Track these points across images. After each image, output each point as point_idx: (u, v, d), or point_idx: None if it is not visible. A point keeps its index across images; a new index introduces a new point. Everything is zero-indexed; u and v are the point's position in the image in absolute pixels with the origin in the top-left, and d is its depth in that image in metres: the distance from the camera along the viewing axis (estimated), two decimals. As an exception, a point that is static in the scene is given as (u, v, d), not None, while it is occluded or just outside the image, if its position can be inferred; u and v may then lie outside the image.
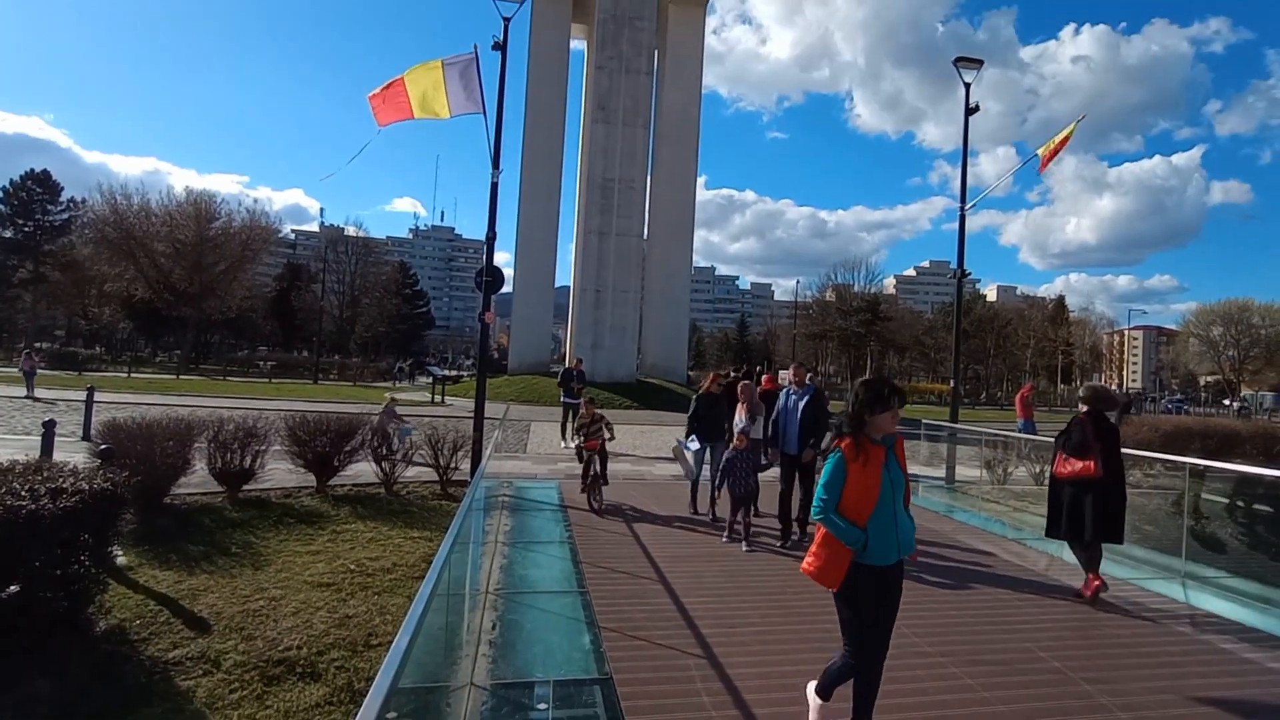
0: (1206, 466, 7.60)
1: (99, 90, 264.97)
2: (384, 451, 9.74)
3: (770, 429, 7.28)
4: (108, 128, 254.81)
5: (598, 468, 8.55)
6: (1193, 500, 7.73)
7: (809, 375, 7.60)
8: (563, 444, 15.26)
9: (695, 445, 8.26)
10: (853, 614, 3.27)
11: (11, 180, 56.22)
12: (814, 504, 3.28)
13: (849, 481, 3.20)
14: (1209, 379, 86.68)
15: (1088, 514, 5.52)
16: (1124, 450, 10.10)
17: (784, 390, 7.42)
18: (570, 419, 15.47)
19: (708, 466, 8.37)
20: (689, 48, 36.76)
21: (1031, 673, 4.22)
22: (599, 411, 9.09)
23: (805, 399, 7.14)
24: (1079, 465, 5.57)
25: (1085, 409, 5.78)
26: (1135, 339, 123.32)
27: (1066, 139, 10.49)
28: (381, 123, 9.29)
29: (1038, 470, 11.87)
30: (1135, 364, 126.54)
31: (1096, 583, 5.57)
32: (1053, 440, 6.07)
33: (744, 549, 6.78)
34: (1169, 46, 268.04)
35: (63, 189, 57.76)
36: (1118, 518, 5.56)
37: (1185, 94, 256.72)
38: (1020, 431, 15.45)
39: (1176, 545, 6.67)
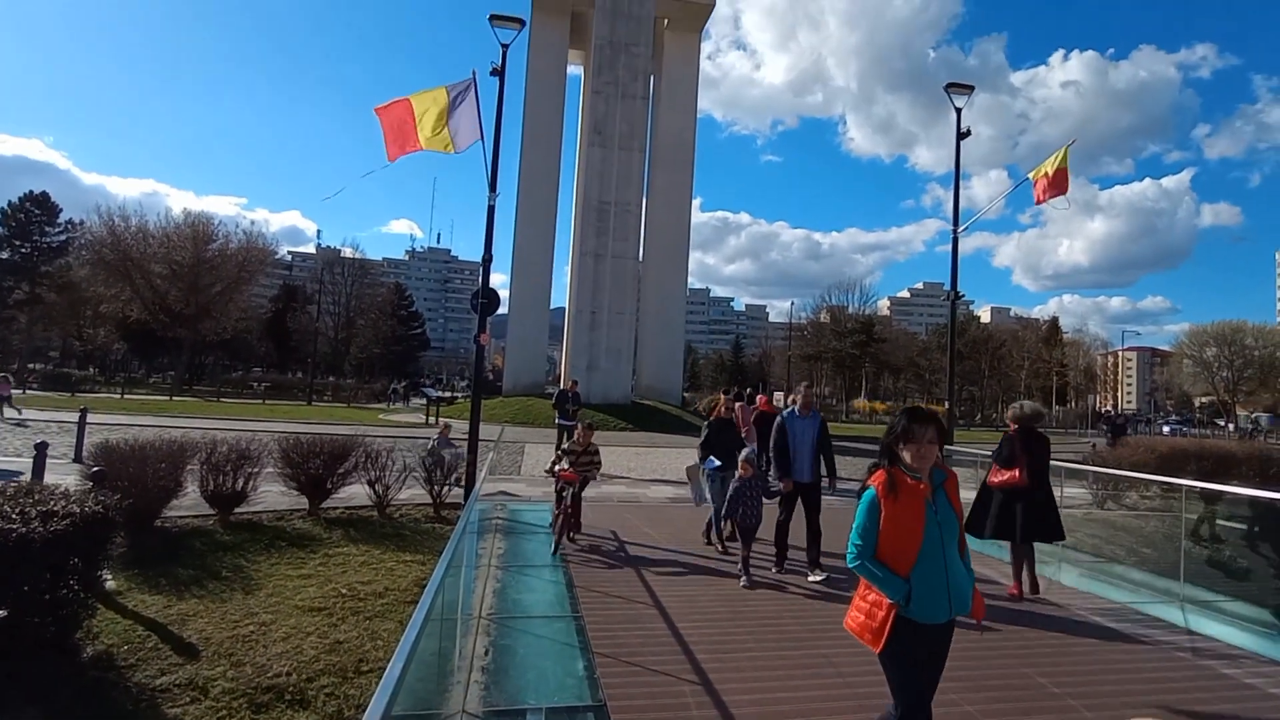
0: (1203, 489, 7.61)
1: (98, 113, 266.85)
2: (437, 475, 9.86)
3: (775, 455, 6.88)
4: (107, 150, 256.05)
5: (569, 502, 7.65)
6: (1191, 523, 7.73)
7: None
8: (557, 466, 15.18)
9: (716, 463, 7.78)
10: (902, 676, 2.86)
11: (10, 202, 56.25)
12: (848, 549, 2.93)
13: (884, 523, 2.82)
14: (1203, 400, 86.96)
15: (1018, 518, 6.35)
16: (1121, 472, 10.05)
17: (787, 414, 7.01)
18: (565, 441, 15.31)
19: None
20: (684, 73, 37.26)
21: (1030, 699, 4.18)
22: (595, 443, 8.35)
23: (815, 423, 6.89)
24: (1007, 475, 6.39)
25: (1014, 426, 6.61)
26: (1129, 360, 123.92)
27: (1064, 170, 10.47)
28: (391, 156, 9.34)
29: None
30: (1130, 385, 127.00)
31: (1015, 589, 6.48)
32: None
33: (742, 583, 6.39)
34: (1157, 72, 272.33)
35: (61, 210, 57.81)
36: (1051, 518, 6.44)
37: (1174, 118, 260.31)
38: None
39: (1174, 568, 6.63)
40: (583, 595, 5.86)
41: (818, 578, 6.60)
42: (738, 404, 8.52)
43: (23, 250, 55.72)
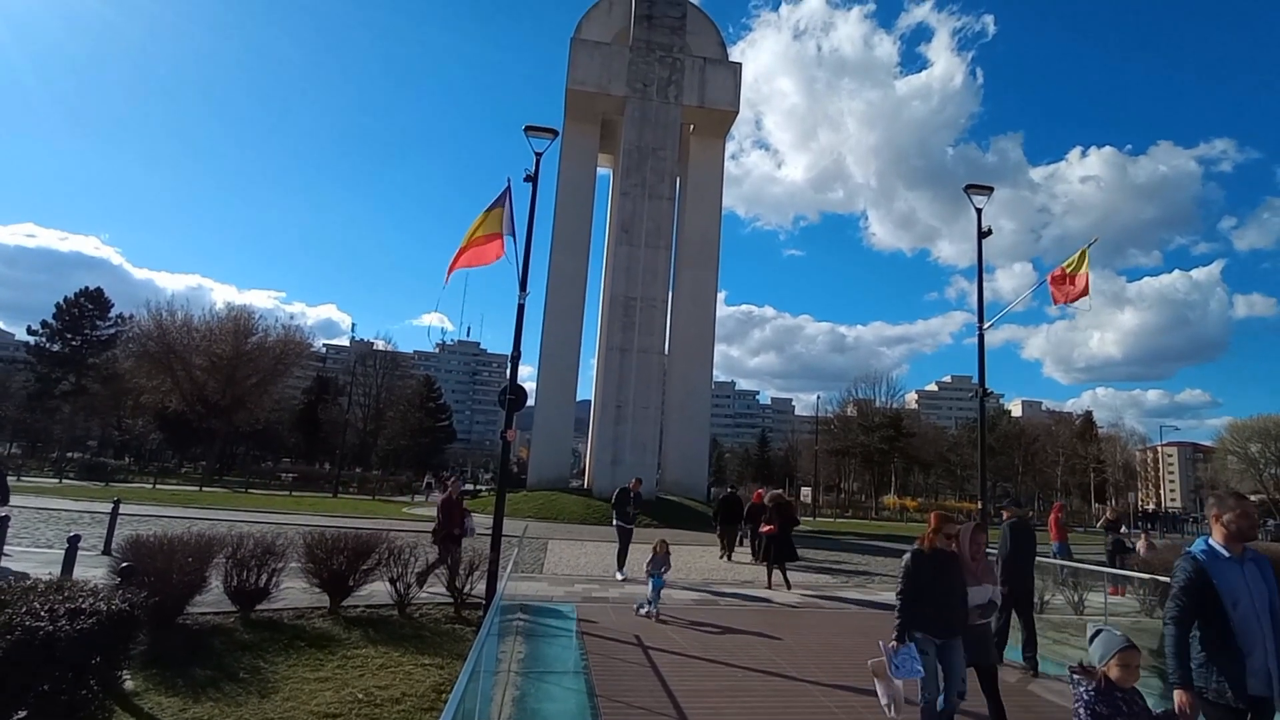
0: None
1: (149, 212, 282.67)
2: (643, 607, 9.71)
3: (1188, 637, 3.56)
4: (156, 246, 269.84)
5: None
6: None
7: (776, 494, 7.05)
8: (618, 575, 13.28)
9: (916, 666, 4.66)
10: None
11: (65, 297, 59.16)
12: None
13: None
14: (1253, 498, 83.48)
15: (773, 550, 13.24)
16: (1169, 579, 9.87)
17: (1201, 549, 3.73)
18: (627, 545, 13.69)
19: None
20: (709, 174, 38.71)
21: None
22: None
23: (1266, 573, 3.64)
24: (768, 528, 13.53)
25: (773, 506, 13.91)
26: (1170, 456, 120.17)
27: (1085, 274, 10.57)
28: (453, 269, 10.05)
29: (1076, 599, 11.37)
30: (1172, 481, 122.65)
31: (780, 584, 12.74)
32: (1087, 565, 6.77)
33: None
34: (1177, 166, 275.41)
35: (113, 305, 60.50)
36: (787, 550, 13.44)
37: (1198, 210, 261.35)
38: (1055, 555, 14.89)
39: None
40: (604, 706, 5.67)
41: None
42: (973, 525, 5.46)
43: (73, 343, 58.06)
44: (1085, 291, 10.47)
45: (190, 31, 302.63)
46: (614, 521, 14.08)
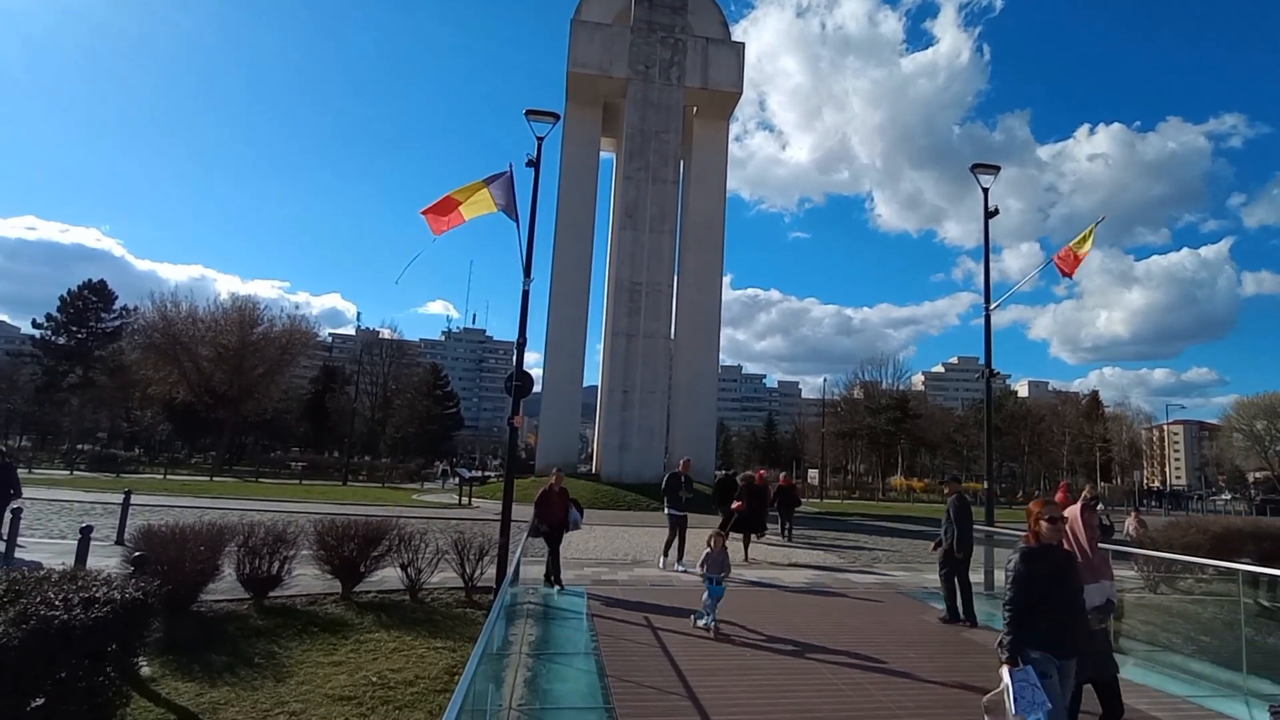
0: (1263, 574, 7.25)
1: (149, 202, 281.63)
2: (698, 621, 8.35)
3: None
4: (157, 237, 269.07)
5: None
6: (1252, 609, 7.33)
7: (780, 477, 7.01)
8: (678, 566, 12.52)
9: (1041, 696, 3.61)
10: None
11: (69, 290, 59.32)
12: None
13: None
14: (1258, 475, 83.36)
15: (746, 523, 14.27)
16: (1171, 555, 9.83)
17: None
18: (677, 536, 12.75)
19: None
20: (713, 157, 38.48)
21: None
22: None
23: None
24: (738, 504, 14.21)
25: (744, 485, 15.10)
26: (1176, 434, 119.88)
27: (1083, 241, 10.54)
28: (436, 232, 9.85)
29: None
30: (1178, 459, 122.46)
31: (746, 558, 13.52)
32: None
33: None
34: (1186, 142, 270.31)
35: (116, 297, 60.64)
36: (760, 524, 15.02)
37: (1208, 187, 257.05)
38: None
39: (1236, 658, 6.29)
40: (615, 686, 5.74)
41: None
42: (1080, 505, 4.95)
43: (79, 336, 58.32)
44: (1071, 270, 10.45)
45: (185, 22, 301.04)
46: (665, 510, 13.08)
